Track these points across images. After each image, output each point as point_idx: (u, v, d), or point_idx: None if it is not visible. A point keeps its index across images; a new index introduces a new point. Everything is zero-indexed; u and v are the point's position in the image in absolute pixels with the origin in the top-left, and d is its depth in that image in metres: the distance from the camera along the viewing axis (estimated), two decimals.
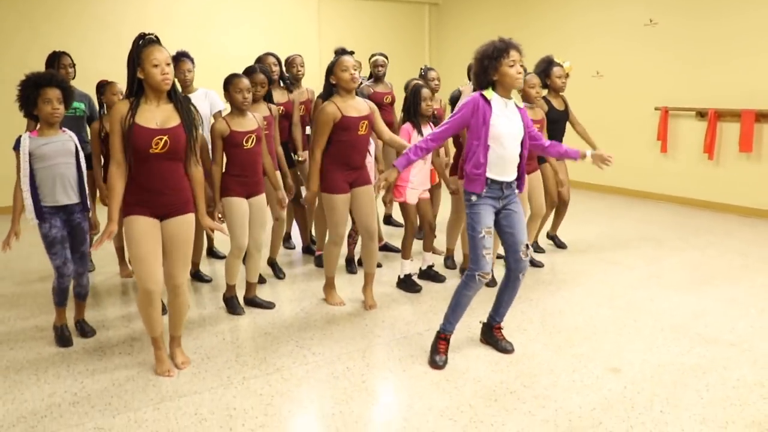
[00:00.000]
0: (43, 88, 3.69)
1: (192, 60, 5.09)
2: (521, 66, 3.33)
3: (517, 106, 3.46)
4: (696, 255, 5.72)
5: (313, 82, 6.03)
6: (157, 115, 3.21)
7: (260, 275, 4.96)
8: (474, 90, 3.50)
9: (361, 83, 6.06)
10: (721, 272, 5.20)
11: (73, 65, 5.13)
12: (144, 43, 3.18)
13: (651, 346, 3.77)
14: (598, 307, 4.41)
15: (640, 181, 8.50)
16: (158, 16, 8.72)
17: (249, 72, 4.64)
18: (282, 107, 5.17)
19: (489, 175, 3.38)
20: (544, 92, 5.58)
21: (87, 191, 3.95)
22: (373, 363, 3.58)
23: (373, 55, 6.22)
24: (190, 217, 3.41)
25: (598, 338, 3.88)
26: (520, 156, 3.48)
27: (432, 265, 5.04)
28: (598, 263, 5.48)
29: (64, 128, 3.89)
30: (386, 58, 6.19)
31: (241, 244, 4.23)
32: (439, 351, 3.54)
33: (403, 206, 4.78)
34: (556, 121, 5.53)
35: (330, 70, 4.18)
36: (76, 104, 4.94)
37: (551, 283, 4.96)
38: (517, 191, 3.53)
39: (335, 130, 4.12)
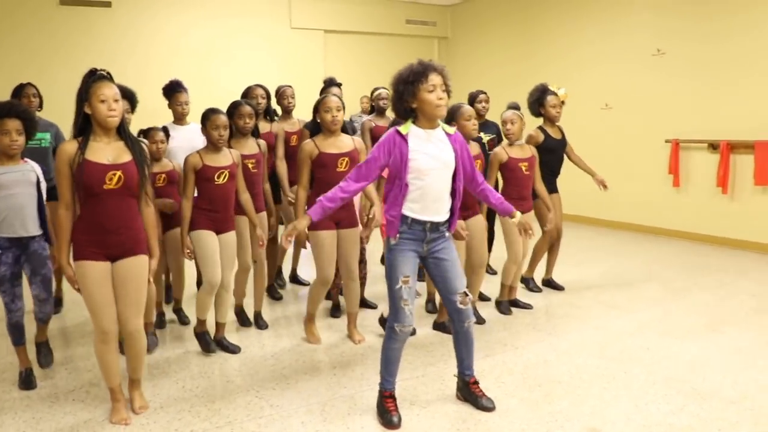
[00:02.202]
0: (2, 119, 3.61)
1: (186, 90, 5.06)
2: (444, 91, 3.00)
3: (447, 133, 3.15)
4: (704, 297, 5.37)
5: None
6: (108, 152, 3.10)
7: (248, 319, 4.82)
8: (394, 120, 3.22)
9: (351, 119, 5.95)
10: (729, 317, 4.85)
11: (38, 95, 5.02)
12: (94, 79, 3.08)
13: (639, 402, 3.44)
14: (588, 356, 4.09)
15: (651, 217, 8.15)
16: (166, 48, 8.71)
17: (235, 105, 4.55)
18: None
19: (408, 213, 3.07)
20: (539, 121, 5.34)
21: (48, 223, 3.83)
22: (331, 418, 3.30)
23: (376, 89, 6.09)
24: (143, 259, 3.26)
25: (582, 393, 3.56)
26: (453, 191, 3.17)
27: None
28: (595, 306, 5.15)
29: (26, 159, 3.78)
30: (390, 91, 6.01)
31: (213, 279, 4.08)
32: (388, 410, 3.23)
33: None
34: (553, 151, 5.28)
35: (316, 108, 4.17)
36: (40, 135, 4.80)
37: (541, 329, 4.65)
38: (447, 233, 3.22)
39: (314, 166, 4.11)
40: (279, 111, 5.64)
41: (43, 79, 6.54)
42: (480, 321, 4.68)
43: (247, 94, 5.19)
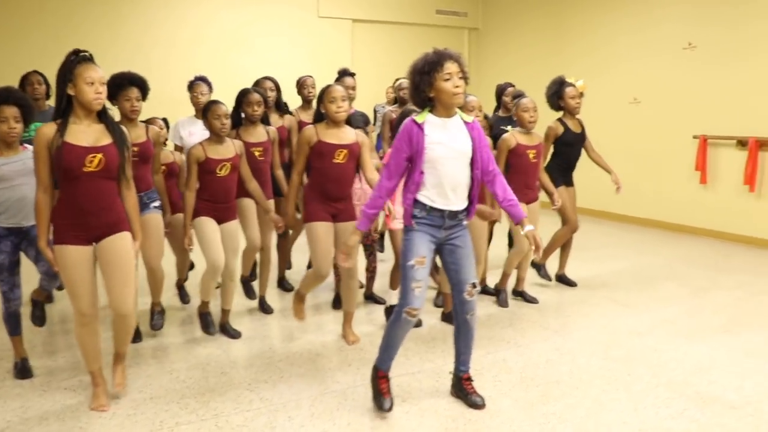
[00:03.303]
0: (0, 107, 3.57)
1: (209, 84, 5.21)
2: (461, 78, 2.96)
3: (465, 122, 3.10)
4: (722, 297, 5.18)
5: None
6: (88, 135, 3.08)
7: (253, 291, 4.95)
8: (404, 110, 3.21)
9: (375, 108, 5.87)
10: (745, 318, 4.67)
11: (45, 83, 5.03)
12: (78, 60, 3.05)
13: (638, 405, 3.31)
14: (591, 356, 3.96)
15: (676, 214, 7.92)
16: (190, 37, 8.71)
17: (243, 93, 4.56)
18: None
19: (426, 201, 3.04)
20: (559, 114, 5.22)
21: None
22: (318, 413, 3.25)
23: (397, 79, 6.01)
24: (126, 236, 3.24)
25: (579, 394, 3.44)
26: (472, 179, 3.11)
27: None
28: (607, 305, 5.00)
29: (25, 145, 3.74)
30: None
31: (216, 262, 4.09)
32: (381, 392, 3.20)
33: (393, 234, 4.49)
34: (571, 144, 5.16)
35: (320, 98, 4.03)
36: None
37: (548, 326, 4.53)
38: (465, 222, 3.17)
39: (311, 154, 4.00)
40: (290, 103, 5.58)
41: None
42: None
43: (256, 86, 5.14)
